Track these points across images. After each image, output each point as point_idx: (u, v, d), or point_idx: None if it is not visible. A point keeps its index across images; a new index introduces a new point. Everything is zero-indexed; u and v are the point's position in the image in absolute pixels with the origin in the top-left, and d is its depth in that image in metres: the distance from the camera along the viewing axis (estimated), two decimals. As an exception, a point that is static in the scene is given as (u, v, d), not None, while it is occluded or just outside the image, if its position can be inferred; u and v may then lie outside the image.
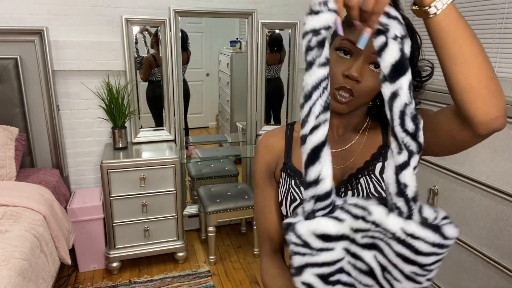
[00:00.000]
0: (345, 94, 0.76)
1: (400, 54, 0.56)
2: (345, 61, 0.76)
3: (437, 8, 0.57)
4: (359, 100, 0.78)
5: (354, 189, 0.84)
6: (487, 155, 1.28)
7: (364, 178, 0.84)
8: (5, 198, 1.86)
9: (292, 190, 0.87)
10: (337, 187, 0.85)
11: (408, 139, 0.58)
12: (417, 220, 0.59)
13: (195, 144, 3.03)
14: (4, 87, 2.26)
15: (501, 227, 1.24)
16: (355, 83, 0.75)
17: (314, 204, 0.60)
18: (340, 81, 0.76)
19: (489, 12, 1.75)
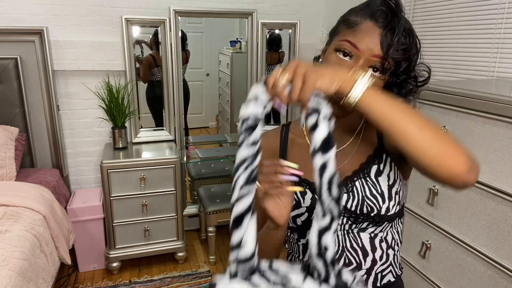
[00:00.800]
0: None
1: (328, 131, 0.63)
2: (345, 63, 0.75)
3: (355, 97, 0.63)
4: None
5: (350, 192, 0.83)
6: (487, 155, 1.28)
7: (360, 181, 0.83)
8: (5, 198, 1.86)
9: None
10: None
11: (333, 204, 0.64)
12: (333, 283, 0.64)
13: (195, 144, 3.03)
14: (4, 87, 2.26)
15: (501, 227, 1.24)
16: None
17: (236, 266, 0.65)
18: None
19: (489, 12, 1.75)
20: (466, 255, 1.39)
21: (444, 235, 1.48)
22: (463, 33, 1.90)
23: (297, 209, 0.84)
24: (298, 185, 0.79)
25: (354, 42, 0.73)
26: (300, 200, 0.84)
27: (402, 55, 0.73)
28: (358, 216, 0.83)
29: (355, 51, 0.74)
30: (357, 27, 0.75)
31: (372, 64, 0.74)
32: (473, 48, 1.84)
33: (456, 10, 1.93)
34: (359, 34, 0.74)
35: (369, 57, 0.73)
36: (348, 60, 0.75)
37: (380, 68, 0.74)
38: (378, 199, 0.82)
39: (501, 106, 1.20)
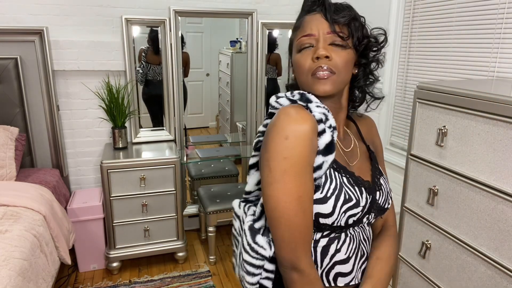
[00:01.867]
0: (324, 72, 0.80)
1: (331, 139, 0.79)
2: (308, 51, 0.82)
3: None
4: (340, 76, 0.82)
5: (380, 190, 0.90)
6: (487, 155, 1.28)
7: (382, 178, 0.93)
8: (5, 198, 1.86)
9: (346, 188, 0.80)
10: (373, 187, 0.89)
11: None
12: None
13: (195, 144, 3.03)
14: (4, 87, 2.26)
15: (501, 227, 1.24)
16: (327, 60, 0.80)
17: None
18: (312, 65, 0.81)
19: (489, 12, 1.75)
20: (466, 255, 1.39)
21: (444, 235, 1.48)
22: (463, 33, 1.90)
23: (355, 208, 0.81)
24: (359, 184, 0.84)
25: (306, 33, 0.82)
26: (359, 199, 0.82)
27: (347, 19, 0.81)
28: (383, 211, 0.92)
29: (312, 39, 0.81)
30: (302, 22, 0.84)
31: (331, 41, 0.81)
32: (473, 48, 1.84)
33: (456, 10, 1.93)
34: (306, 26, 0.83)
35: (325, 36, 0.80)
36: (311, 49, 0.82)
37: (340, 40, 0.81)
38: (390, 193, 0.94)
39: (501, 106, 1.20)
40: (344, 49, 0.81)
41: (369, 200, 0.84)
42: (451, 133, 1.41)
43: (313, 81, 0.81)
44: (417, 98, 1.55)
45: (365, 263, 0.91)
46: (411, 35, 2.26)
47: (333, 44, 0.81)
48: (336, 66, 0.80)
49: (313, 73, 0.81)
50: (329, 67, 0.79)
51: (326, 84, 0.80)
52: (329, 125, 0.80)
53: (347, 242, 0.86)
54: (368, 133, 1.00)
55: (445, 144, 1.44)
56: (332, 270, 0.86)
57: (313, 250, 0.84)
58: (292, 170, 0.74)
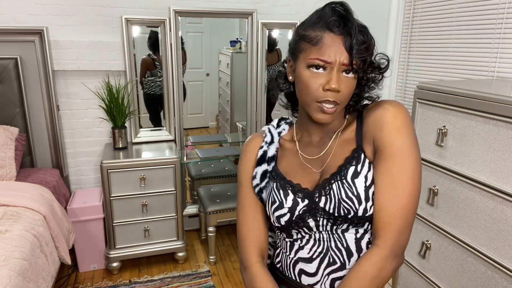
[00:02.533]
0: (330, 105, 0.81)
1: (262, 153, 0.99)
2: (320, 75, 0.81)
3: None
4: (341, 107, 0.84)
5: (327, 195, 0.86)
6: (487, 155, 1.28)
7: (336, 183, 0.85)
8: (5, 198, 1.86)
9: (273, 192, 0.92)
10: (312, 192, 0.89)
11: None
12: None
13: (195, 144, 3.03)
14: (4, 87, 2.26)
15: (501, 227, 1.24)
16: (336, 93, 0.80)
17: None
18: (321, 95, 0.81)
19: (489, 12, 1.75)
20: (466, 255, 1.39)
21: (444, 235, 1.48)
22: (463, 33, 1.90)
23: (280, 210, 0.90)
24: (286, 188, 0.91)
25: (324, 59, 0.80)
26: (283, 201, 0.90)
27: (365, 52, 0.80)
28: (336, 218, 0.86)
29: (327, 64, 0.80)
30: (320, 42, 0.80)
31: (344, 69, 0.81)
32: (473, 48, 1.84)
33: (456, 10, 1.93)
34: (325, 49, 0.79)
35: (340, 66, 0.80)
36: (322, 72, 0.81)
37: (351, 69, 0.81)
38: (354, 201, 0.83)
39: (501, 106, 1.20)
40: (352, 78, 0.83)
41: (301, 202, 0.88)
42: (451, 133, 1.41)
43: (317, 109, 0.83)
44: (417, 98, 1.55)
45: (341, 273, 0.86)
46: (411, 35, 2.26)
47: (344, 71, 0.81)
48: (342, 98, 0.82)
49: (319, 103, 0.82)
50: (337, 100, 0.81)
51: (327, 116, 0.83)
52: (266, 141, 0.97)
53: (310, 243, 0.90)
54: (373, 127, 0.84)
55: (445, 144, 1.44)
56: (297, 265, 0.92)
57: (283, 242, 0.96)
58: (238, 185, 1.00)
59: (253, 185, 0.96)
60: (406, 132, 0.81)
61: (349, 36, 0.78)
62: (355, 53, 0.79)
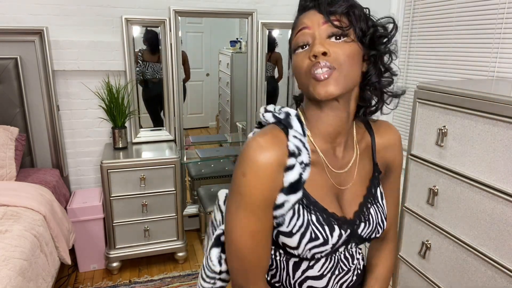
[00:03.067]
0: (323, 70, 0.69)
1: (298, 177, 0.72)
2: (305, 51, 0.73)
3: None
4: (343, 71, 0.70)
5: (366, 221, 0.81)
6: (487, 155, 1.28)
7: (373, 207, 0.83)
8: (5, 198, 1.86)
9: (312, 227, 0.75)
10: (353, 221, 0.80)
11: None
12: None
13: (195, 144, 3.03)
14: (4, 87, 2.26)
15: (501, 227, 1.24)
16: (324, 57, 0.69)
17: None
18: (309, 66, 0.71)
19: (489, 12, 1.75)
20: (466, 255, 1.39)
21: (444, 235, 1.48)
22: (463, 33, 1.90)
23: (322, 246, 0.76)
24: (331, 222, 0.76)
25: (300, 28, 0.74)
26: (328, 238, 0.76)
27: (345, 8, 0.71)
28: (367, 240, 0.85)
29: (307, 34, 0.73)
30: (296, 23, 0.77)
31: (329, 33, 0.71)
32: (473, 48, 1.84)
33: (456, 10, 1.93)
34: (301, 22, 0.75)
35: (320, 28, 0.71)
36: (307, 48, 0.73)
37: (339, 31, 0.71)
38: (384, 223, 0.85)
39: (501, 106, 1.20)
40: (346, 41, 0.71)
41: (344, 234, 0.78)
42: (451, 133, 1.41)
43: (314, 84, 0.70)
44: (417, 98, 1.55)
45: (347, 276, 0.86)
46: (411, 35, 2.27)
47: (332, 37, 0.71)
48: (336, 60, 0.69)
49: (312, 74, 0.70)
50: (329, 63, 0.69)
51: (327, 85, 0.69)
52: (300, 161, 0.71)
53: (321, 261, 0.81)
54: (387, 148, 0.88)
55: (445, 144, 1.44)
56: (304, 283, 0.83)
57: (285, 262, 0.82)
58: (246, 207, 0.72)
59: (274, 215, 0.74)
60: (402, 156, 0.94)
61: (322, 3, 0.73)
62: (331, 11, 0.71)
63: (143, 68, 2.59)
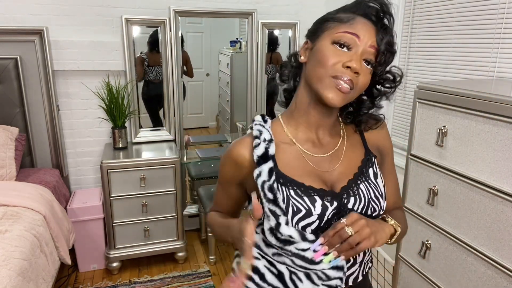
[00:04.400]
0: (346, 84, 0.76)
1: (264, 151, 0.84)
2: (343, 53, 0.76)
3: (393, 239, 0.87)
4: (354, 95, 0.79)
5: (356, 195, 0.84)
6: (487, 155, 1.28)
7: (364, 184, 0.86)
8: (5, 198, 1.86)
9: (293, 200, 0.80)
10: (339, 194, 0.84)
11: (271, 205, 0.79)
12: None
13: (195, 144, 3.03)
14: (4, 87, 2.26)
15: (501, 227, 1.24)
16: (355, 75, 0.76)
17: None
18: (339, 70, 0.76)
19: (489, 12, 1.75)
20: (466, 255, 1.39)
21: (444, 235, 1.48)
22: (463, 33, 1.90)
23: (307, 218, 0.80)
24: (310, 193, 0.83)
25: (353, 31, 0.76)
26: (311, 208, 0.80)
27: (391, 51, 0.78)
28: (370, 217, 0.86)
29: (355, 41, 0.76)
30: (353, 21, 0.77)
31: (367, 57, 0.77)
32: (473, 48, 1.84)
33: (456, 10, 1.93)
34: (356, 26, 0.77)
35: (367, 48, 0.76)
36: (346, 51, 0.76)
37: (373, 62, 0.78)
38: (380, 200, 0.86)
39: (501, 106, 1.20)
40: (370, 71, 0.79)
41: (330, 206, 0.81)
42: (451, 133, 1.41)
43: (329, 85, 0.76)
44: (417, 98, 1.55)
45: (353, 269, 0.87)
46: (411, 35, 2.26)
47: (365, 61, 0.77)
48: (357, 84, 0.77)
49: (335, 76, 0.76)
50: (353, 82, 0.76)
51: (339, 96, 0.76)
52: (263, 139, 0.83)
53: None
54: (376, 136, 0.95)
55: (445, 144, 1.44)
56: None
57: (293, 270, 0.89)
58: (218, 182, 0.96)
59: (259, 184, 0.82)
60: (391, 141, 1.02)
61: (383, 29, 0.77)
62: (384, 47, 0.76)
63: (149, 71, 2.59)
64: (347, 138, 0.91)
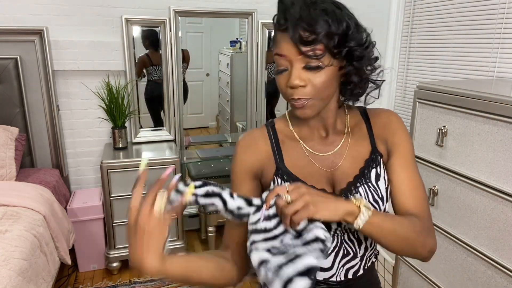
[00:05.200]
0: (299, 102, 0.77)
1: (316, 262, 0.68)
2: (284, 76, 0.77)
3: (359, 224, 0.73)
4: (320, 98, 0.77)
5: None
6: (487, 155, 1.28)
7: (363, 187, 0.84)
8: (5, 198, 1.86)
9: None
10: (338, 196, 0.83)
11: None
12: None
13: (195, 144, 3.03)
14: (4, 87, 2.26)
15: (501, 227, 1.24)
16: (302, 88, 0.75)
17: None
18: (288, 93, 0.77)
19: (489, 12, 1.75)
20: (466, 255, 1.39)
21: (444, 235, 1.48)
22: (463, 33, 1.90)
23: None
24: None
25: (279, 53, 0.76)
26: None
27: (319, 37, 0.72)
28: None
29: (284, 60, 0.76)
30: (276, 40, 0.77)
31: (305, 64, 0.74)
32: (473, 48, 1.84)
33: (456, 10, 1.93)
34: (279, 45, 0.76)
35: (296, 58, 0.74)
36: (286, 72, 0.77)
37: (315, 61, 0.73)
38: (379, 203, 0.85)
39: (501, 106, 1.20)
40: (321, 69, 0.75)
41: None
42: (451, 133, 1.41)
43: (293, 106, 0.79)
44: (417, 98, 1.55)
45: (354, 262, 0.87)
46: (411, 35, 2.27)
47: (308, 67, 0.74)
48: (312, 92, 0.76)
49: (290, 100, 0.78)
50: (302, 97, 0.76)
51: (304, 110, 0.78)
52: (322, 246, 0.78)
53: None
54: (384, 130, 0.89)
55: (445, 144, 1.44)
56: None
57: None
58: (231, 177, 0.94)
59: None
60: (409, 135, 0.90)
61: (292, 29, 0.72)
62: (304, 43, 0.72)
63: (153, 71, 2.59)
64: (352, 134, 0.89)
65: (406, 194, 0.86)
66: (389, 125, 0.89)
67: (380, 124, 0.90)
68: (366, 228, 0.74)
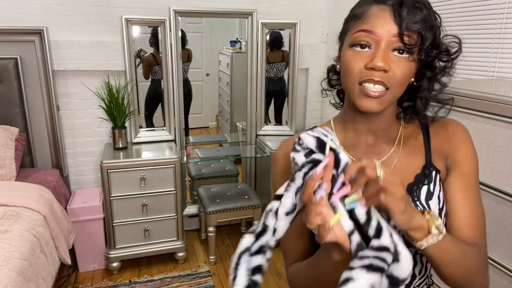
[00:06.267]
0: (375, 87, 0.67)
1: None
2: (364, 53, 0.68)
3: (424, 245, 0.63)
4: (393, 93, 0.69)
5: None
6: (487, 155, 1.28)
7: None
8: (5, 198, 1.86)
9: None
10: None
11: None
12: None
13: (195, 144, 3.03)
14: (4, 87, 2.26)
15: (501, 227, 1.24)
16: (383, 73, 0.66)
17: None
18: (363, 74, 0.67)
19: (489, 12, 1.75)
20: (466, 255, 1.38)
21: (444, 235, 1.47)
22: (463, 33, 1.90)
23: None
24: None
25: (368, 29, 0.67)
26: None
27: (421, 25, 0.66)
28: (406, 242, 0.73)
29: (372, 38, 0.67)
30: (365, 15, 0.69)
31: (395, 47, 0.67)
32: (473, 48, 1.84)
33: (456, 10, 1.93)
34: (370, 20, 0.68)
35: (388, 39, 0.66)
36: (367, 50, 0.68)
37: (404, 47, 0.67)
38: None
39: (501, 106, 1.20)
40: (407, 59, 0.67)
41: None
42: (451, 133, 1.41)
43: (359, 93, 0.69)
44: (417, 98, 1.55)
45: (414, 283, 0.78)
46: (411, 35, 2.26)
47: (396, 50, 0.67)
48: (392, 81, 0.67)
49: (361, 82, 0.68)
50: (384, 81, 0.67)
51: (374, 103, 0.68)
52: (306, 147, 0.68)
53: None
54: (445, 143, 0.79)
55: (445, 144, 1.44)
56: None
57: None
58: None
59: None
60: (475, 153, 0.80)
61: (399, 7, 0.65)
62: (408, 26, 0.65)
63: (159, 70, 2.59)
64: (405, 144, 0.79)
65: (465, 222, 0.74)
66: (452, 138, 0.78)
67: (441, 136, 0.79)
68: (431, 250, 0.63)
